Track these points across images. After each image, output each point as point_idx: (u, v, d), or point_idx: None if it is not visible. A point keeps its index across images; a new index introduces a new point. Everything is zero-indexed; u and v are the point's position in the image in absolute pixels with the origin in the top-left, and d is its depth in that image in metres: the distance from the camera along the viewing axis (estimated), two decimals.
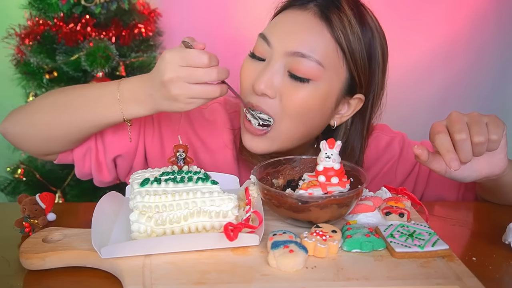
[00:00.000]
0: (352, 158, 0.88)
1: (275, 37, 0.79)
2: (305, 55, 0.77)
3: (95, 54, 1.65)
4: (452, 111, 0.70)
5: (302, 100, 0.78)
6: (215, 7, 2.05)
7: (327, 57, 0.78)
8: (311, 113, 0.81)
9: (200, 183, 0.65)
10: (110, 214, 0.69)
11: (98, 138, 0.87)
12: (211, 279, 0.55)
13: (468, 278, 0.55)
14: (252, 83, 0.80)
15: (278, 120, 0.80)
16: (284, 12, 0.83)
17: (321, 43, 0.77)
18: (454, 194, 0.96)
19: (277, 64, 0.78)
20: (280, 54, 0.78)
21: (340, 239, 0.62)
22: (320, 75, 0.78)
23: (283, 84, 0.78)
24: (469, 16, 2.14)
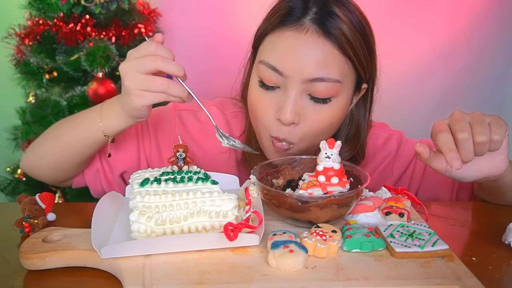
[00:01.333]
0: (357, 142, 0.91)
1: (286, 67, 0.77)
2: (323, 78, 0.77)
3: (95, 54, 1.65)
4: (454, 110, 0.70)
5: (326, 119, 0.81)
6: (215, 7, 2.05)
7: (341, 72, 0.78)
8: (334, 125, 0.84)
9: (200, 183, 0.65)
10: (110, 214, 0.69)
11: (103, 158, 0.92)
12: (211, 279, 0.55)
13: (468, 278, 0.55)
14: (274, 114, 0.80)
15: (301, 141, 0.82)
16: (279, 34, 0.79)
17: (333, 62, 0.77)
18: (448, 193, 0.97)
19: (295, 91, 0.78)
20: (297, 82, 0.77)
21: (340, 239, 0.62)
22: (339, 91, 0.79)
23: (305, 108, 0.79)
24: (471, 15, 2.14)
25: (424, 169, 0.98)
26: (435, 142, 0.69)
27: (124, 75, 0.72)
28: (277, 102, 0.79)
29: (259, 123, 0.84)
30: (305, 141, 0.82)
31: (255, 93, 0.83)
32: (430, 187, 0.97)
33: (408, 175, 0.99)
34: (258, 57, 0.83)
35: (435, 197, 0.98)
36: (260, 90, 0.81)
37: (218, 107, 0.98)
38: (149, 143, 0.93)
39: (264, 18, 0.84)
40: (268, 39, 0.81)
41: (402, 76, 2.18)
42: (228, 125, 0.97)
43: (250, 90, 0.84)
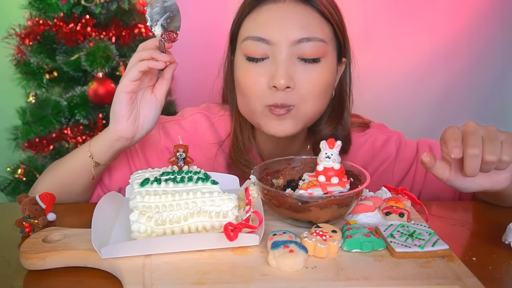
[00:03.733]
0: (340, 117, 0.93)
1: (272, 32, 0.80)
2: (310, 38, 0.80)
3: (95, 54, 1.65)
4: (469, 121, 0.67)
5: (319, 80, 0.83)
6: (215, 7, 2.05)
7: (324, 33, 0.83)
8: (328, 89, 0.86)
9: (200, 183, 0.65)
10: (110, 214, 0.69)
11: (101, 184, 0.94)
12: (211, 279, 0.55)
13: (468, 278, 0.55)
14: (267, 83, 0.81)
15: (299, 105, 0.83)
16: (258, 11, 0.83)
17: (315, 23, 0.82)
18: (451, 194, 0.97)
19: (285, 56, 0.80)
20: (285, 46, 0.80)
21: (340, 239, 0.62)
22: (326, 51, 0.83)
23: (297, 71, 0.81)
24: (471, 15, 2.14)
25: (426, 171, 0.97)
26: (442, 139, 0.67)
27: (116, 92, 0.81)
28: (268, 71, 0.81)
29: (253, 96, 0.84)
30: (305, 105, 0.83)
31: (243, 70, 0.84)
32: (433, 189, 0.97)
33: (410, 178, 0.98)
34: (239, 39, 0.85)
35: (437, 199, 0.97)
36: (248, 65, 0.83)
37: (203, 114, 0.99)
38: (139, 161, 0.95)
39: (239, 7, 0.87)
40: (247, 20, 0.85)
41: (402, 77, 2.18)
42: (213, 128, 0.97)
43: (237, 71, 0.86)
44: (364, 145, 0.97)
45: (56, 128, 1.73)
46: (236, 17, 0.88)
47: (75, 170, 0.87)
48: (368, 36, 2.00)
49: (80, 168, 0.87)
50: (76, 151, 0.90)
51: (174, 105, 2.01)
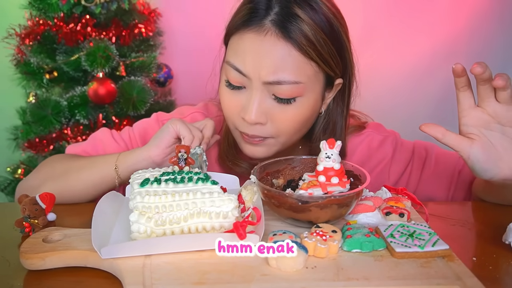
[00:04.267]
0: (335, 135, 0.90)
1: (247, 68, 0.78)
2: (280, 81, 0.77)
3: (95, 54, 1.65)
4: None
5: (294, 118, 0.81)
6: (215, 7, 2.05)
7: (303, 73, 0.78)
8: (306, 122, 0.84)
9: (200, 183, 0.65)
10: (110, 214, 0.69)
11: None
12: (211, 279, 0.55)
13: (468, 278, 0.55)
14: (239, 113, 0.82)
15: (276, 136, 0.83)
16: (241, 35, 0.79)
17: (293, 64, 0.77)
18: (444, 194, 0.97)
19: (259, 92, 0.79)
20: (259, 83, 0.78)
21: (340, 239, 0.62)
22: (302, 91, 0.79)
23: (272, 108, 0.80)
24: (470, 15, 2.14)
25: (420, 172, 0.98)
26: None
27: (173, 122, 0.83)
28: (242, 102, 0.81)
29: (228, 121, 0.86)
30: (281, 137, 0.83)
31: (223, 92, 0.85)
32: (427, 190, 0.97)
33: (405, 179, 0.99)
34: (225, 56, 0.85)
35: (431, 199, 0.97)
36: (227, 90, 0.83)
37: (201, 113, 1.00)
38: None
39: (232, 14, 0.84)
40: (232, 39, 0.82)
41: (401, 77, 2.18)
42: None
43: (220, 89, 0.86)
44: (360, 145, 0.97)
45: (56, 128, 1.73)
46: (228, 24, 0.85)
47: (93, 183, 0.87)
48: (368, 36, 2.00)
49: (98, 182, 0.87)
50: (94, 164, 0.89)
51: (174, 105, 2.01)
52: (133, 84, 1.74)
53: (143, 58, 1.80)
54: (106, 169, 0.86)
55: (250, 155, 0.86)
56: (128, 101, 1.73)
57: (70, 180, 0.88)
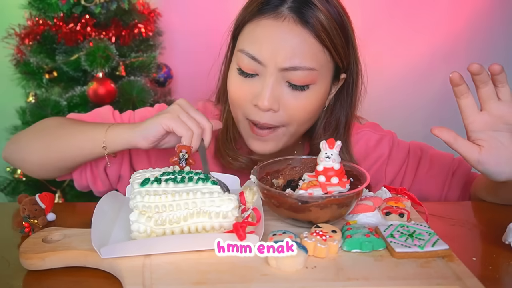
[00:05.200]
0: (337, 134, 0.91)
1: (263, 55, 0.79)
2: (297, 67, 0.78)
3: (95, 54, 1.65)
4: None
5: (306, 106, 0.82)
6: (215, 7, 2.05)
7: (317, 60, 0.80)
8: (315, 112, 0.85)
9: (200, 183, 0.65)
10: (110, 214, 0.69)
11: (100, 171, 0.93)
12: (211, 279, 0.55)
13: (468, 278, 0.55)
14: (251, 101, 0.81)
15: (286, 126, 0.83)
16: (257, 22, 0.80)
17: (309, 50, 0.79)
18: (438, 193, 0.98)
19: (273, 78, 0.79)
20: (274, 70, 0.79)
21: (340, 239, 0.62)
22: (316, 78, 0.81)
23: (285, 95, 0.80)
24: (470, 15, 2.14)
25: (415, 172, 0.98)
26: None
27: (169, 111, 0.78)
28: (255, 89, 0.81)
29: (238, 109, 0.85)
30: (290, 126, 0.83)
31: (234, 81, 0.84)
32: (421, 189, 0.98)
33: (399, 178, 0.99)
34: (237, 46, 0.84)
35: (424, 198, 0.97)
36: (239, 78, 0.83)
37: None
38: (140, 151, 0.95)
39: (243, 7, 0.85)
40: (246, 28, 0.83)
41: (401, 77, 2.18)
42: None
43: (230, 79, 0.86)
44: (358, 144, 0.98)
45: None
46: (239, 17, 0.86)
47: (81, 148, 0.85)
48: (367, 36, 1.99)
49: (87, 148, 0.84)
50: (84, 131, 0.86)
51: None
52: (132, 84, 1.74)
53: (142, 58, 1.79)
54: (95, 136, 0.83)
55: (259, 151, 0.85)
56: (128, 101, 1.73)
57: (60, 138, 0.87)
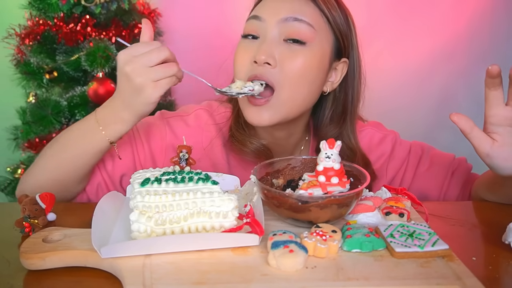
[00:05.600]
0: (344, 121, 0.94)
1: (265, 11, 0.85)
2: (297, 18, 0.84)
3: (95, 54, 1.65)
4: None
5: (301, 63, 0.84)
6: (214, 7, 2.05)
7: (315, 21, 0.85)
8: (310, 76, 0.86)
9: (200, 183, 0.65)
10: (110, 214, 0.69)
11: (102, 170, 0.92)
12: (211, 279, 0.55)
13: (468, 278, 0.55)
14: (251, 59, 0.85)
15: (280, 88, 0.84)
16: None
17: (308, 9, 0.85)
18: (437, 192, 0.98)
19: (272, 34, 0.84)
20: (274, 23, 0.84)
21: (340, 239, 0.62)
22: (313, 37, 0.84)
23: (282, 52, 0.84)
24: (472, 16, 2.14)
25: (415, 170, 0.99)
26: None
27: (133, 75, 0.73)
28: (255, 49, 0.84)
29: (240, 73, 0.87)
30: (284, 89, 0.84)
31: (237, 48, 0.89)
32: (420, 187, 0.99)
33: (400, 176, 1.00)
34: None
35: (424, 196, 0.99)
36: (242, 44, 0.88)
37: (206, 110, 0.99)
38: (143, 150, 0.94)
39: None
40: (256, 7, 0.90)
41: (403, 78, 2.18)
42: (217, 126, 0.97)
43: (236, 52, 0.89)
44: (361, 142, 0.99)
45: (56, 128, 1.73)
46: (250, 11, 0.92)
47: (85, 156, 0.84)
48: (370, 37, 1.99)
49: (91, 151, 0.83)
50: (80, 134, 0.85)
51: (174, 105, 2.01)
52: None
53: None
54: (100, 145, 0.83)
55: (256, 121, 0.86)
56: None
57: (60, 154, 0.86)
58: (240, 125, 0.94)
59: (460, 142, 1.05)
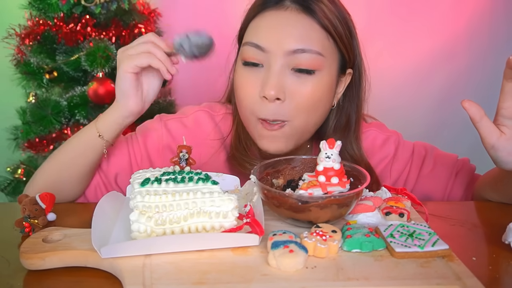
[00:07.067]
0: (349, 131, 0.92)
1: (267, 41, 0.80)
2: (305, 49, 0.80)
3: (95, 54, 1.65)
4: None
5: (312, 92, 0.82)
6: (215, 7, 2.05)
7: (323, 46, 0.82)
8: (321, 102, 0.85)
9: (200, 183, 0.65)
10: (110, 214, 0.69)
11: (99, 170, 0.92)
12: (211, 279, 0.55)
13: (468, 278, 0.55)
14: (258, 93, 0.82)
15: (293, 119, 0.83)
16: (261, 16, 0.83)
17: (314, 35, 0.81)
18: (441, 194, 0.98)
19: (278, 66, 0.80)
20: (279, 55, 0.80)
21: (340, 239, 0.62)
22: (322, 64, 0.82)
23: (290, 83, 0.81)
24: (472, 15, 2.14)
25: (419, 171, 0.99)
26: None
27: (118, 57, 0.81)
28: (261, 80, 0.81)
29: (245, 106, 0.85)
30: (298, 119, 0.83)
31: (239, 75, 0.85)
32: (424, 188, 0.98)
33: (404, 177, 1.00)
34: (242, 43, 0.85)
35: (427, 198, 0.98)
36: (244, 71, 0.84)
37: (206, 112, 0.99)
38: (140, 152, 0.94)
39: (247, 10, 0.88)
40: (251, 24, 0.85)
41: (403, 77, 2.18)
42: (217, 127, 0.97)
43: (235, 75, 0.87)
44: (363, 143, 0.98)
45: (56, 128, 1.73)
46: (244, 19, 0.88)
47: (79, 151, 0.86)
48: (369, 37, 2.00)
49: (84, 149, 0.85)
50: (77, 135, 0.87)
51: (174, 105, 2.00)
52: None
53: None
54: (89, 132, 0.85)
55: (270, 149, 0.85)
56: None
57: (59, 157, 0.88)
58: (241, 146, 0.93)
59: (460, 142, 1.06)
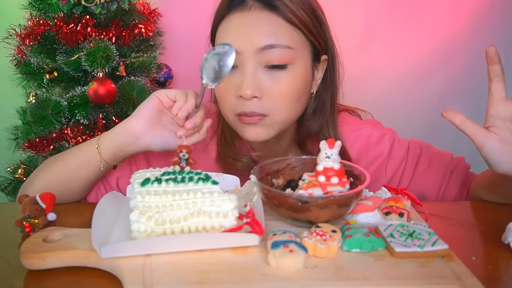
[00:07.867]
0: (324, 115, 0.94)
1: (238, 43, 0.81)
2: (274, 45, 0.81)
3: (95, 54, 1.65)
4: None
5: (287, 87, 0.83)
6: (215, 8, 2.05)
7: (291, 40, 0.83)
8: (299, 94, 0.86)
9: (200, 183, 0.65)
10: (110, 213, 0.69)
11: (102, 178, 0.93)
12: (211, 279, 0.55)
13: (467, 278, 0.55)
14: (235, 92, 0.83)
15: (272, 113, 0.84)
16: (227, 19, 0.85)
17: (281, 30, 0.82)
18: (435, 192, 0.98)
19: (252, 66, 0.82)
20: (250, 54, 0.81)
21: (340, 239, 0.62)
22: (293, 57, 0.83)
23: (265, 80, 0.83)
24: (471, 15, 2.14)
25: (413, 170, 0.99)
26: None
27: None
28: (236, 80, 0.83)
29: (226, 107, 0.87)
30: (278, 113, 0.84)
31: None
32: (418, 186, 0.98)
33: (398, 175, 1.00)
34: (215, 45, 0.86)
35: (422, 196, 0.99)
36: None
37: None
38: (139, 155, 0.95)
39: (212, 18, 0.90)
40: (219, 28, 0.87)
41: (401, 77, 2.18)
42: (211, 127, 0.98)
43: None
44: (359, 140, 0.99)
45: (56, 128, 1.73)
46: (212, 22, 0.90)
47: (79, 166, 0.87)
48: (368, 37, 2.00)
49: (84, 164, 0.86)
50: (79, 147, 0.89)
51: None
52: (133, 84, 1.74)
53: (143, 58, 1.79)
54: (89, 149, 0.86)
55: (252, 138, 0.86)
56: (128, 101, 1.72)
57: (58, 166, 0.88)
58: (227, 143, 0.94)
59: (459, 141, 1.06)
